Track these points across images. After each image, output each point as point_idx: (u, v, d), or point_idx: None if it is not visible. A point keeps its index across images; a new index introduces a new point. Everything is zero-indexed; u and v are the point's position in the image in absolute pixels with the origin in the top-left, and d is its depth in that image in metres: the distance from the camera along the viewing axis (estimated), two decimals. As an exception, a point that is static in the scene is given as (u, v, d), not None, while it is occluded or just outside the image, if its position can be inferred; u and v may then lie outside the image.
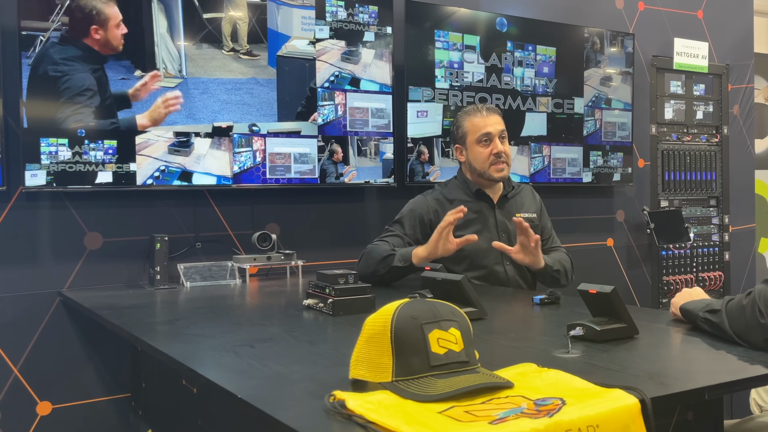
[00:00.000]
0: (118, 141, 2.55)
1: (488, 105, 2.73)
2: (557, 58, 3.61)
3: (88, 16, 2.50)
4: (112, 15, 2.55)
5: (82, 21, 2.50)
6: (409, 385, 1.16)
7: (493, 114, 2.64)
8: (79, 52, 2.49)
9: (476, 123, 2.62)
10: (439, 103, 3.24)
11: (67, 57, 2.47)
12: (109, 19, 2.54)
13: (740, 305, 1.52)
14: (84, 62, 2.50)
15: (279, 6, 2.89)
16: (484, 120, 2.62)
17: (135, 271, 2.73)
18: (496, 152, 2.59)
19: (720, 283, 4.36)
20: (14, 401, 2.53)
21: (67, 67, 2.46)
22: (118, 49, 2.56)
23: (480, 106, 2.68)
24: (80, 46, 2.49)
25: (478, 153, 2.61)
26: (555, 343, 1.55)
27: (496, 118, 2.63)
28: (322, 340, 1.75)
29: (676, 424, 1.61)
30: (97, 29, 2.52)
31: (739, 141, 4.51)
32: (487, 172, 2.61)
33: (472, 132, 2.63)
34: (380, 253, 2.47)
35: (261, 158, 2.81)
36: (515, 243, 2.62)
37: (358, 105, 3.04)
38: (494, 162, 2.60)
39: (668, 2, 4.18)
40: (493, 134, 2.60)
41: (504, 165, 2.61)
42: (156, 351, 1.64)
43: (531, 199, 2.79)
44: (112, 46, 2.55)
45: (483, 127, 2.61)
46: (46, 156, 2.44)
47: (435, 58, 3.23)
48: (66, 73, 2.46)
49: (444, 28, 3.26)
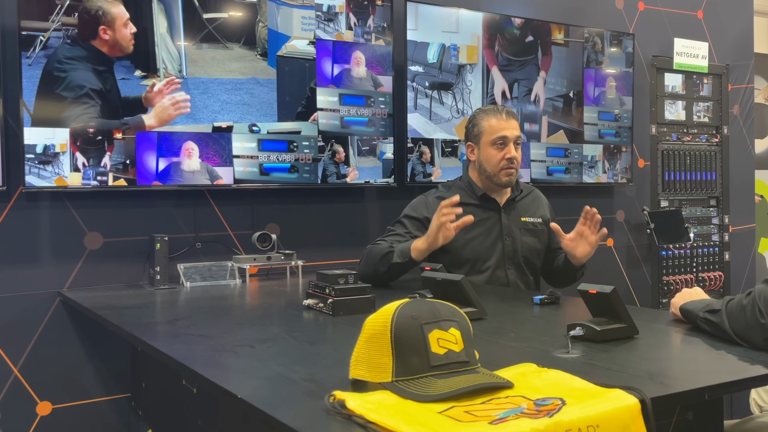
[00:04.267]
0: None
1: (508, 108, 2.67)
2: (558, 57, 3.61)
3: (95, 17, 2.51)
4: (119, 15, 2.55)
5: (91, 22, 2.50)
6: (409, 385, 1.16)
7: (512, 119, 2.60)
8: (85, 53, 2.49)
9: (494, 125, 2.58)
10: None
11: (73, 57, 2.47)
12: (116, 18, 2.55)
13: (740, 305, 1.52)
14: (90, 63, 2.50)
15: (279, 6, 2.89)
16: (503, 123, 2.58)
17: (135, 271, 2.73)
18: (509, 157, 2.56)
19: (720, 283, 4.35)
20: (14, 401, 2.53)
21: (72, 67, 2.47)
22: (129, 50, 2.58)
23: (500, 108, 2.64)
24: (88, 47, 2.50)
25: (491, 155, 2.58)
26: (555, 343, 1.55)
27: (514, 123, 2.60)
28: (322, 340, 1.75)
29: (676, 424, 1.61)
30: (106, 30, 2.52)
31: (739, 141, 4.51)
32: (497, 175, 2.58)
33: (488, 132, 2.58)
34: (379, 251, 2.45)
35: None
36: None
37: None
38: (505, 167, 2.57)
39: (668, 2, 4.18)
40: (509, 138, 2.57)
41: (513, 170, 2.58)
42: (156, 351, 1.64)
43: (538, 204, 2.76)
44: (121, 46, 2.56)
45: (500, 130, 2.57)
46: (48, 156, 2.44)
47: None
48: (69, 73, 2.46)
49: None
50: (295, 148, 2.88)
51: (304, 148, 2.90)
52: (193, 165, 2.70)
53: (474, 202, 2.62)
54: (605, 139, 3.79)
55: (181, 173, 2.69)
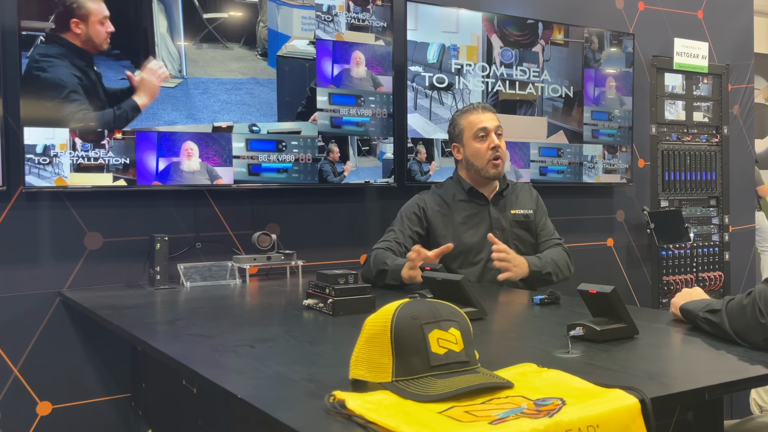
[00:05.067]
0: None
1: (483, 103, 2.82)
2: (557, 57, 3.61)
3: (69, 8, 2.47)
4: (95, 10, 2.52)
5: (64, 15, 2.47)
6: (409, 385, 1.16)
7: (488, 111, 2.72)
8: (62, 50, 2.46)
9: (472, 120, 2.69)
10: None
11: (51, 54, 2.44)
12: (90, 14, 2.51)
13: (740, 305, 1.52)
14: (70, 59, 2.47)
15: (279, 6, 2.89)
16: (480, 116, 2.69)
17: (135, 271, 2.73)
18: (493, 146, 2.64)
19: (720, 283, 4.35)
20: (14, 401, 2.53)
21: (52, 65, 2.44)
22: (103, 47, 2.54)
23: (475, 104, 2.77)
24: (63, 43, 2.46)
25: (476, 149, 2.66)
26: (555, 343, 1.55)
27: (491, 115, 2.71)
28: (322, 340, 1.75)
29: (676, 424, 1.61)
30: (78, 23, 2.48)
31: (739, 141, 4.51)
32: (485, 168, 2.65)
33: (468, 128, 2.68)
34: (378, 265, 2.49)
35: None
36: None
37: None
38: (492, 157, 2.64)
39: (668, 2, 4.18)
40: (489, 129, 2.66)
41: (500, 162, 2.66)
42: (156, 351, 1.64)
43: (527, 197, 2.81)
44: (94, 43, 2.52)
45: (479, 123, 2.67)
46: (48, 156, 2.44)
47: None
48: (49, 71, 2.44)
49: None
50: (284, 148, 2.87)
51: (293, 148, 2.89)
52: (193, 165, 2.70)
53: (463, 198, 2.71)
54: (600, 139, 3.79)
55: (181, 173, 2.69)
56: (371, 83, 3.08)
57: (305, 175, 2.93)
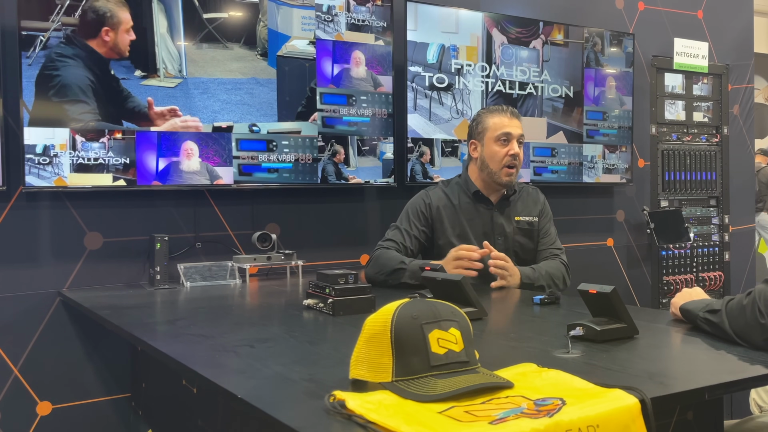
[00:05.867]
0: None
1: (513, 108, 2.72)
2: (557, 57, 3.61)
3: (101, 16, 2.52)
4: (125, 20, 2.57)
5: (96, 21, 2.51)
6: (409, 385, 1.16)
7: (515, 118, 2.65)
8: (80, 52, 2.49)
9: (498, 122, 2.63)
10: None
11: (66, 55, 2.47)
12: (121, 23, 2.56)
13: (740, 305, 1.52)
14: (83, 61, 2.50)
15: (279, 6, 2.89)
16: (507, 121, 2.63)
17: (135, 271, 2.73)
18: (512, 153, 2.59)
19: (720, 283, 4.35)
20: (14, 401, 2.53)
21: (64, 65, 2.46)
22: (125, 54, 2.58)
23: (505, 107, 2.69)
24: (85, 47, 2.50)
25: (495, 151, 2.61)
26: (555, 343, 1.55)
27: (517, 123, 2.65)
28: (322, 340, 1.75)
29: (676, 424, 1.61)
30: (108, 31, 2.53)
31: (739, 141, 4.51)
32: (498, 173, 2.61)
33: (492, 129, 2.62)
34: (391, 264, 2.49)
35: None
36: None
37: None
38: (507, 164, 2.60)
39: (668, 2, 4.18)
40: (513, 135, 2.61)
41: (514, 171, 2.62)
42: (156, 351, 1.64)
43: (533, 202, 2.76)
44: (119, 49, 2.57)
45: (504, 127, 2.61)
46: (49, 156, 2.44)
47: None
48: (61, 72, 2.46)
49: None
50: (274, 148, 2.87)
51: (283, 148, 2.88)
52: (192, 165, 2.70)
53: (468, 201, 2.67)
54: (600, 139, 3.79)
55: (180, 173, 2.69)
56: (371, 83, 3.08)
57: (305, 175, 2.93)
